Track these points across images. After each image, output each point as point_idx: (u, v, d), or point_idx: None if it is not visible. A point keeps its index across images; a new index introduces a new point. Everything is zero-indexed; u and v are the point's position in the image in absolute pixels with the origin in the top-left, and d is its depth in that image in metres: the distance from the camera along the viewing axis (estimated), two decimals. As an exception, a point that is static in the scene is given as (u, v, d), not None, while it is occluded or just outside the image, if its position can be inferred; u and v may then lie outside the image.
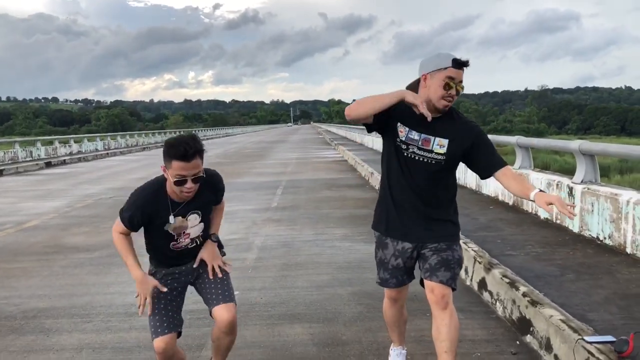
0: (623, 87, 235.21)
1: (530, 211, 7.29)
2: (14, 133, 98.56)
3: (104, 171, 18.76)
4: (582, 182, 6.03)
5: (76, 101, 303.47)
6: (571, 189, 6.12)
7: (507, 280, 4.20)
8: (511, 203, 7.97)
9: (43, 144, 25.90)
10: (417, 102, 2.54)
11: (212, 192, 2.75)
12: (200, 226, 2.73)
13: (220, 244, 2.89)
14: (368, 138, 27.27)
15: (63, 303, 4.68)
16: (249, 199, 10.54)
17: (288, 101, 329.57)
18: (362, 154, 19.50)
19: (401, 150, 2.72)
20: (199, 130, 68.02)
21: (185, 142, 2.43)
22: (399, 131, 2.70)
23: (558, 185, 6.47)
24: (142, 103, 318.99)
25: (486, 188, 9.13)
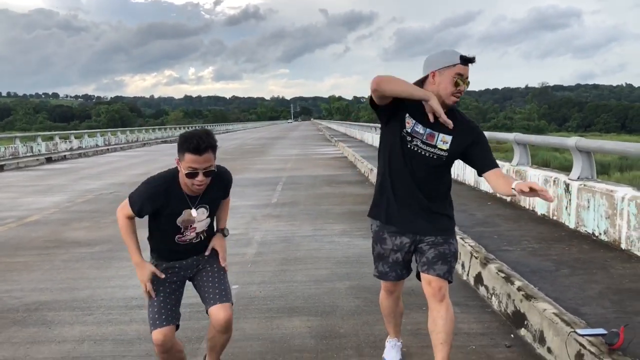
0: (624, 85, 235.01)
1: (527, 207, 7.35)
2: (15, 128, 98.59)
3: (105, 167, 18.81)
4: (579, 179, 6.08)
5: (76, 97, 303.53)
6: (568, 186, 6.18)
7: (503, 275, 4.25)
8: (509, 199, 8.03)
9: (43, 140, 25.95)
10: (441, 112, 2.60)
11: (222, 189, 2.81)
12: (207, 221, 2.78)
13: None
14: (368, 135, 27.32)
15: (64, 296, 4.75)
16: (249, 195, 10.60)
17: (288, 97, 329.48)
18: (362, 151, 19.55)
19: (405, 141, 2.75)
20: (199, 126, 68.07)
21: (198, 136, 2.51)
22: (406, 122, 2.73)
23: (555, 181, 6.53)
24: (143, 99, 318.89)
25: (484, 184, 9.18)
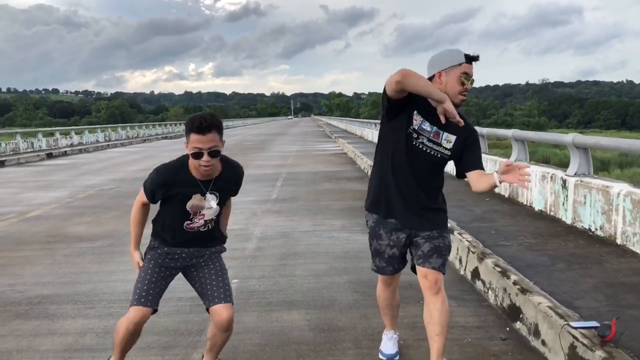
0: (624, 81, 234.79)
1: (525, 203, 7.41)
2: (15, 124, 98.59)
3: (105, 162, 18.86)
4: (576, 175, 6.14)
5: (76, 92, 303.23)
6: (565, 181, 6.23)
7: (499, 269, 4.31)
8: (507, 195, 8.09)
9: (44, 136, 25.98)
10: (455, 113, 2.66)
11: (233, 181, 2.86)
12: (215, 209, 2.81)
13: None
14: (368, 131, 27.35)
15: (66, 290, 4.80)
16: (249, 191, 10.65)
17: (289, 94, 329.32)
18: (362, 147, 19.59)
19: (411, 138, 2.78)
20: None
21: (202, 117, 2.59)
22: (414, 119, 2.77)
23: (552, 177, 6.58)
24: (143, 95, 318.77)
25: (483, 181, 9.23)
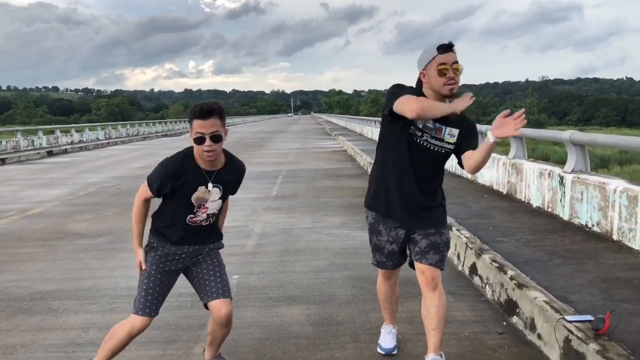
0: (624, 78, 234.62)
1: (523, 200, 7.46)
2: (15, 122, 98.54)
3: (106, 160, 18.91)
4: (573, 172, 6.19)
5: (76, 90, 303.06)
6: (562, 178, 6.28)
7: (496, 264, 4.37)
8: (505, 192, 8.14)
9: (44, 133, 26.03)
10: (463, 107, 2.72)
11: (235, 174, 2.91)
12: (218, 203, 2.85)
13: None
14: (368, 128, 27.38)
15: (69, 286, 4.86)
16: (249, 188, 10.69)
17: (288, 91, 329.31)
18: (362, 144, 19.64)
19: (415, 136, 2.82)
20: None
21: (204, 103, 2.70)
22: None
23: (550, 174, 6.63)
24: (143, 92, 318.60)
25: (481, 177, 9.29)
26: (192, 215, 2.82)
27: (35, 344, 3.64)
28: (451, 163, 10.70)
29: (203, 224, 2.86)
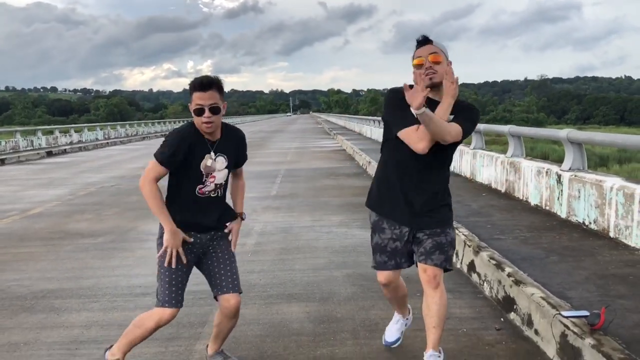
0: (623, 77, 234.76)
1: (521, 198, 7.51)
2: (13, 123, 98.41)
3: (105, 160, 18.94)
4: (570, 170, 6.24)
5: (75, 91, 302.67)
6: (559, 176, 6.33)
7: (494, 262, 4.41)
8: (503, 190, 8.19)
9: (44, 134, 26.05)
10: (450, 81, 2.72)
11: (235, 140, 2.98)
12: (224, 172, 2.92)
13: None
14: (366, 128, 27.43)
15: (70, 285, 4.90)
16: (249, 187, 10.65)
17: (287, 91, 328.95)
18: (361, 144, 19.69)
19: None
20: None
21: (204, 76, 2.81)
22: (414, 113, 2.79)
23: (547, 172, 6.68)
24: (141, 93, 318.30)
25: (480, 176, 9.34)
26: (202, 185, 2.87)
27: (38, 342, 3.68)
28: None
29: (212, 196, 2.91)
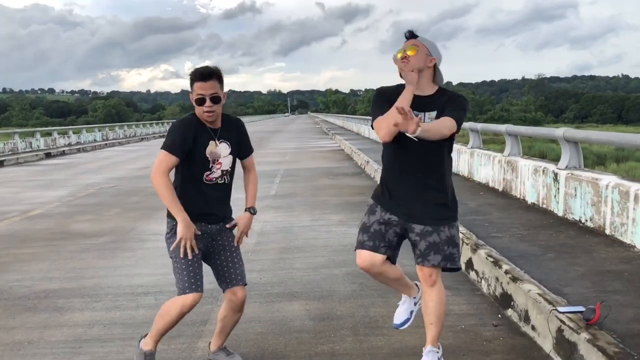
0: (620, 76, 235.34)
1: (518, 196, 7.57)
2: (11, 124, 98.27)
3: (104, 161, 18.97)
4: (567, 168, 6.30)
5: (72, 92, 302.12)
6: (556, 175, 6.39)
7: (492, 259, 4.47)
8: (501, 189, 8.25)
9: (42, 135, 26.07)
10: (406, 70, 2.85)
11: (235, 127, 3.10)
12: (229, 158, 3.04)
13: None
14: (365, 127, 27.48)
15: (73, 284, 4.95)
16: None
17: (285, 91, 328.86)
18: (359, 144, 19.74)
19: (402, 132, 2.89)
20: None
21: (204, 66, 2.88)
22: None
23: (544, 171, 6.74)
24: (139, 94, 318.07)
25: (477, 175, 9.40)
26: (209, 171, 2.96)
27: (42, 341, 3.73)
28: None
29: (219, 182, 3.01)
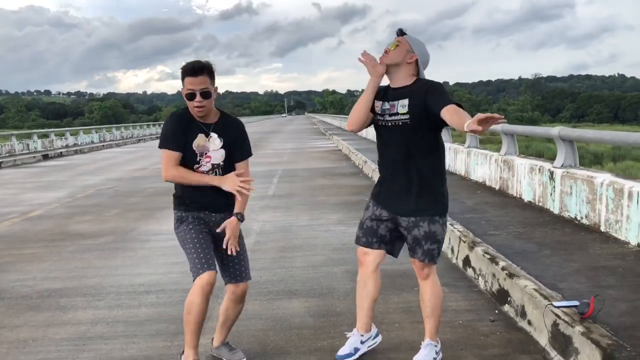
0: (616, 75, 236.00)
1: (514, 195, 7.65)
2: (7, 126, 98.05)
3: (102, 163, 19.00)
4: (562, 167, 6.37)
5: (69, 94, 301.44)
6: (552, 173, 6.47)
7: (488, 256, 4.54)
8: (497, 188, 8.33)
9: (39, 137, 26.08)
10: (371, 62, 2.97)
11: (232, 127, 3.07)
12: (221, 152, 3.00)
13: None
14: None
15: (75, 284, 4.99)
16: (246, 188, 10.83)
17: (282, 92, 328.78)
18: (356, 144, 19.79)
19: (379, 122, 3.04)
20: None
21: (194, 61, 2.89)
22: (375, 106, 3.02)
23: (540, 169, 6.82)
24: (135, 95, 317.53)
25: (474, 174, 9.48)
26: (197, 165, 2.97)
27: (46, 338, 3.78)
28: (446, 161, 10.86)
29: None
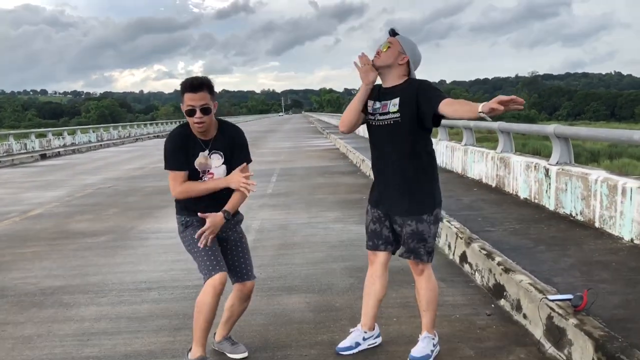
0: (613, 73, 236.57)
1: (511, 192, 7.73)
2: (3, 126, 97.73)
3: (100, 162, 19.03)
4: (557, 164, 6.46)
5: (65, 93, 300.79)
6: (547, 170, 6.56)
7: (485, 252, 4.62)
8: (494, 185, 8.41)
9: (37, 137, 26.08)
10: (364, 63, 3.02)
11: (230, 136, 3.11)
12: (223, 168, 3.07)
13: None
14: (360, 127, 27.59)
15: (77, 281, 5.06)
16: (245, 186, 10.88)
17: (279, 90, 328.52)
18: (354, 142, 19.84)
19: (371, 122, 3.12)
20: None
21: (194, 77, 2.94)
22: (368, 107, 3.09)
23: (536, 167, 6.91)
24: (132, 94, 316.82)
25: (471, 172, 9.57)
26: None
27: (51, 334, 3.84)
28: (441, 159, 10.96)
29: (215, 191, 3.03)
